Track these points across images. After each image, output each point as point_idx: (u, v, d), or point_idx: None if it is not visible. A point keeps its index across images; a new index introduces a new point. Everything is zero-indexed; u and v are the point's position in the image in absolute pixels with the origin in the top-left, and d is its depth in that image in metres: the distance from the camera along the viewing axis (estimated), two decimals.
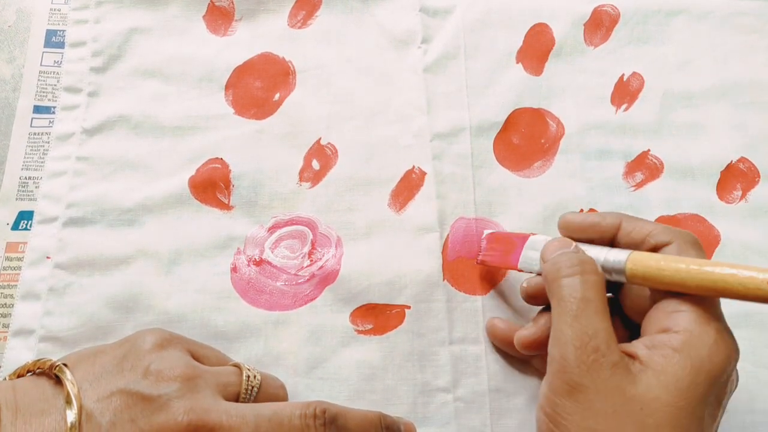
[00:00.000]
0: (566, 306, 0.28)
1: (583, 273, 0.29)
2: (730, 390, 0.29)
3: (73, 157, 0.39)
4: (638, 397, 0.26)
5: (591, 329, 0.27)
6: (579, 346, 0.27)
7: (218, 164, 0.39)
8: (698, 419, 0.26)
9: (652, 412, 0.26)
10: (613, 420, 0.26)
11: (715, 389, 0.27)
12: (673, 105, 0.43)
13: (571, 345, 0.27)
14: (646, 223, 0.31)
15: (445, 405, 0.35)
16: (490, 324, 0.35)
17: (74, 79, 0.40)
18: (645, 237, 0.31)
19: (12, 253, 0.37)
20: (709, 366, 0.26)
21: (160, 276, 0.36)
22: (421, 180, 0.39)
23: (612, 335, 0.27)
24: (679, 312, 0.28)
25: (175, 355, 0.29)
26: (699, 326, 0.27)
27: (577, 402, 0.26)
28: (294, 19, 0.43)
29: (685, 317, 0.27)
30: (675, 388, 0.26)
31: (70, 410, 0.26)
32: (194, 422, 0.26)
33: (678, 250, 0.29)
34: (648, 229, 0.31)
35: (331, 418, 0.28)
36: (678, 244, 0.30)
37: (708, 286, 0.27)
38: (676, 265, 0.28)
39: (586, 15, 0.45)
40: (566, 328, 0.28)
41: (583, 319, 0.27)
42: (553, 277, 0.30)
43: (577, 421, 0.26)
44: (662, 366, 0.26)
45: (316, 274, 0.37)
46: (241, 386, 0.30)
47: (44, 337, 0.35)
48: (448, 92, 0.42)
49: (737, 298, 0.27)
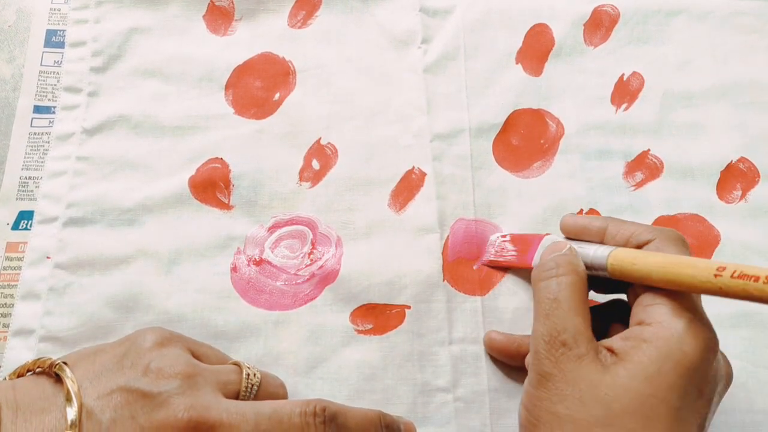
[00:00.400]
0: (541, 306, 0.31)
1: (558, 275, 0.31)
2: (716, 383, 0.29)
3: (73, 157, 0.39)
4: (606, 384, 0.27)
5: (560, 326, 0.29)
6: (548, 341, 0.29)
7: (218, 164, 0.39)
8: (671, 409, 0.27)
9: (618, 397, 0.27)
10: (580, 404, 0.27)
11: (692, 380, 0.27)
12: (673, 105, 0.43)
13: (541, 340, 0.29)
14: (630, 224, 0.33)
15: (445, 405, 0.35)
16: (488, 337, 0.36)
17: (74, 78, 0.40)
18: (629, 237, 0.32)
19: (12, 253, 0.37)
20: (679, 355, 0.27)
21: (160, 276, 0.36)
22: (421, 180, 0.40)
23: (582, 331, 0.29)
24: (654, 305, 0.29)
25: (175, 353, 0.29)
26: (670, 318, 0.28)
27: (547, 390, 0.28)
28: (294, 19, 0.43)
29: (658, 310, 0.29)
30: (642, 376, 0.27)
31: (70, 408, 0.26)
32: (194, 419, 0.26)
33: (658, 246, 0.31)
34: (631, 230, 0.32)
35: (331, 415, 0.28)
36: (658, 241, 0.31)
37: (670, 279, 0.28)
38: (646, 259, 0.29)
39: (586, 15, 0.45)
40: (539, 326, 0.30)
41: (554, 318, 0.30)
42: (535, 280, 0.32)
43: (546, 407, 0.28)
44: (631, 356, 0.28)
45: (316, 273, 0.37)
46: (241, 384, 0.30)
47: (44, 336, 0.35)
48: (447, 93, 0.42)
49: (694, 291, 0.28)
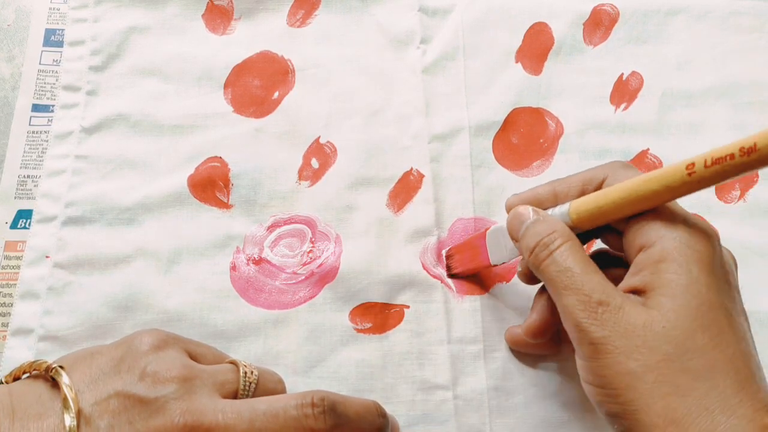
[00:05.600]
0: (556, 283, 0.29)
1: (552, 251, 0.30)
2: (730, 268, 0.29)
3: (72, 156, 0.39)
4: (657, 319, 0.27)
5: (587, 289, 0.28)
6: (583, 309, 0.28)
7: (217, 163, 0.39)
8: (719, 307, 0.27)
9: (675, 324, 0.26)
10: (648, 350, 0.26)
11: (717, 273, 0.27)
12: (672, 104, 0.43)
13: (576, 311, 0.28)
14: (574, 176, 0.33)
15: (445, 402, 0.35)
16: (509, 333, 0.36)
17: (73, 77, 0.40)
18: (581, 189, 0.32)
19: (11, 252, 0.37)
20: (697, 255, 0.27)
21: (159, 275, 0.36)
22: (419, 182, 0.39)
23: (606, 283, 0.28)
24: (644, 228, 0.29)
25: (172, 356, 0.29)
26: (667, 229, 0.28)
27: (609, 353, 0.27)
28: (293, 18, 0.43)
29: (651, 229, 0.28)
30: (680, 292, 0.27)
31: (68, 414, 0.26)
32: (190, 423, 0.26)
33: (613, 179, 0.31)
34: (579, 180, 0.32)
35: (331, 405, 0.28)
36: (610, 176, 0.31)
37: (646, 197, 0.28)
38: (611, 196, 0.29)
39: (586, 14, 0.45)
40: (566, 300, 0.29)
41: (576, 285, 0.28)
42: (535, 265, 0.31)
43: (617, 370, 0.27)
44: (658, 282, 0.27)
45: (315, 272, 0.37)
46: (238, 383, 0.30)
47: (43, 336, 0.35)
48: (446, 93, 0.42)
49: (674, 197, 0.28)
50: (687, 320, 0.26)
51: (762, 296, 0.38)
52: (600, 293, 0.28)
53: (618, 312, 0.27)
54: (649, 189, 0.28)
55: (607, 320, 0.27)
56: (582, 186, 0.32)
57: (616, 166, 0.31)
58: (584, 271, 0.29)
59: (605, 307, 0.27)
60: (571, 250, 0.30)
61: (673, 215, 0.29)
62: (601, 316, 0.27)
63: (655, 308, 0.27)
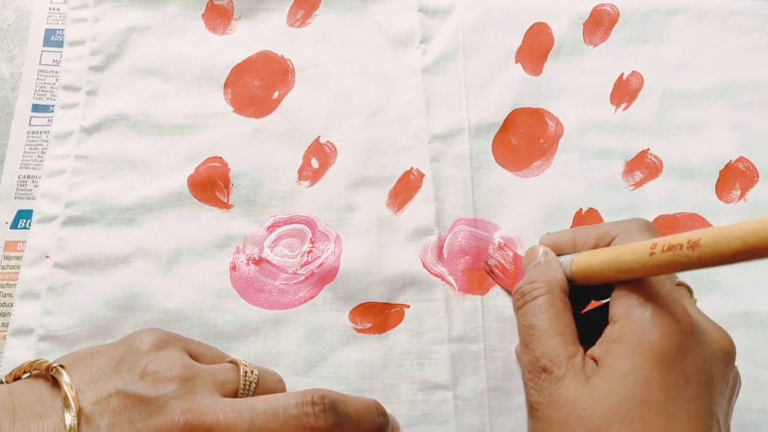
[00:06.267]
0: (521, 336, 0.30)
1: (527, 301, 0.30)
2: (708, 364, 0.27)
3: (72, 156, 0.39)
4: (584, 399, 0.26)
5: (538, 352, 0.29)
6: (530, 370, 0.29)
7: (217, 163, 0.39)
8: (654, 406, 0.26)
9: (596, 410, 0.26)
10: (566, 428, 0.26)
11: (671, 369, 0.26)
12: (672, 104, 0.43)
13: (525, 371, 0.29)
14: (595, 227, 0.32)
15: (445, 402, 0.35)
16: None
17: (73, 77, 0.40)
18: (596, 242, 0.32)
19: (11, 252, 0.37)
20: (647, 346, 0.26)
21: (159, 275, 0.36)
22: (419, 182, 0.39)
23: (559, 352, 0.28)
24: (621, 299, 0.28)
25: (172, 356, 0.29)
26: (636, 309, 0.27)
27: (538, 419, 0.28)
28: (293, 18, 0.43)
29: (623, 304, 0.28)
30: (616, 379, 0.26)
31: (68, 413, 0.26)
32: (190, 422, 0.26)
33: (622, 240, 0.30)
34: (596, 233, 0.32)
35: (331, 403, 0.28)
36: (622, 234, 0.30)
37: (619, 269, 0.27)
38: (598, 257, 0.29)
39: (586, 14, 0.45)
40: (523, 356, 0.30)
41: (532, 345, 0.29)
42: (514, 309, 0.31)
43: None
44: (605, 360, 0.27)
45: (315, 272, 0.37)
46: (239, 382, 0.30)
47: (43, 336, 0.35)
48: (446, 93, 0.42)
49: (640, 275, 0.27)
50: (605, 409, 0.26)
51: (762, 296, 0.38)
52: (547, 360, 0.28)
53: (557, 382, 0.27)
54: (622, 260, 0.27)
55: (544, 388, 0.28)
56: (596, 240, 0.31)
57: (632, 227, 0.30)
58: (545, 331, 0.29)
59: (547, 375, 0.28)
60: (545, 305, 0.30)
61: (648, 294, 0.27)
62: (541, 383, 0.28)
63: (590, 387, 0.27)
